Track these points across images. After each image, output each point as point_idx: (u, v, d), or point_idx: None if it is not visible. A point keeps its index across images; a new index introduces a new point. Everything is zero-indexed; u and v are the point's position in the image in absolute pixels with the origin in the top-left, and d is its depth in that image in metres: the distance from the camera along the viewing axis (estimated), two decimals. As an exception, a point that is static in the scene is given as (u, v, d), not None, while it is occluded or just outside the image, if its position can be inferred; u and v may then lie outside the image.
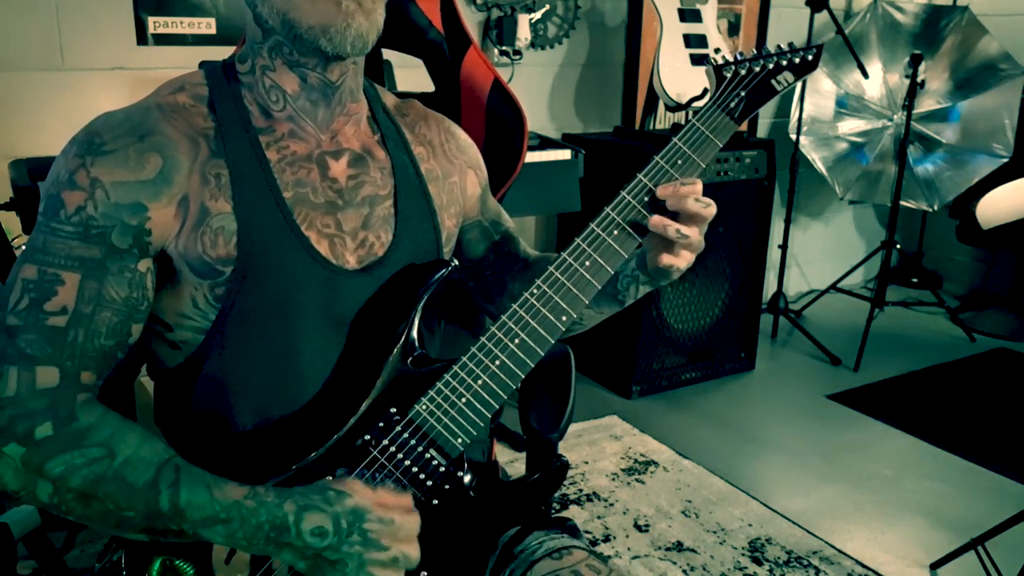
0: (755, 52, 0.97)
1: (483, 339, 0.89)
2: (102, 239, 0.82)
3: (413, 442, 0.88)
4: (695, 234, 0.89)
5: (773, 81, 0.97)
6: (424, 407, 0.88)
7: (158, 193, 0.84)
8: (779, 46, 0.98)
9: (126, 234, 0.83)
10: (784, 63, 0.97)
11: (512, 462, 2.37)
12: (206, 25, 2.38)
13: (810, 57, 0.99)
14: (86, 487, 0.78)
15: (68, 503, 0.78)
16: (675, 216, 0.89)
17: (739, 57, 0.96)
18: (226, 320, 0.88)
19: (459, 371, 0.89)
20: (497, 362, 0.88)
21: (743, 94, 0.95)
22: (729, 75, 0.95)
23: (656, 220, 0.89)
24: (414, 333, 0.92)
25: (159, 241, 0.85)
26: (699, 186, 0.90)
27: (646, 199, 0.90)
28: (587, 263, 0.90)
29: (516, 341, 0.88)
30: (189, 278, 0.87)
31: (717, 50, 1.00)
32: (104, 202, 0.82)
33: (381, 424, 0.88)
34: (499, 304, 1.09)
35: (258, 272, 0.87)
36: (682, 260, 0.91)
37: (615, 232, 0.90)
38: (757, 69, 0.96)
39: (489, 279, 1.10)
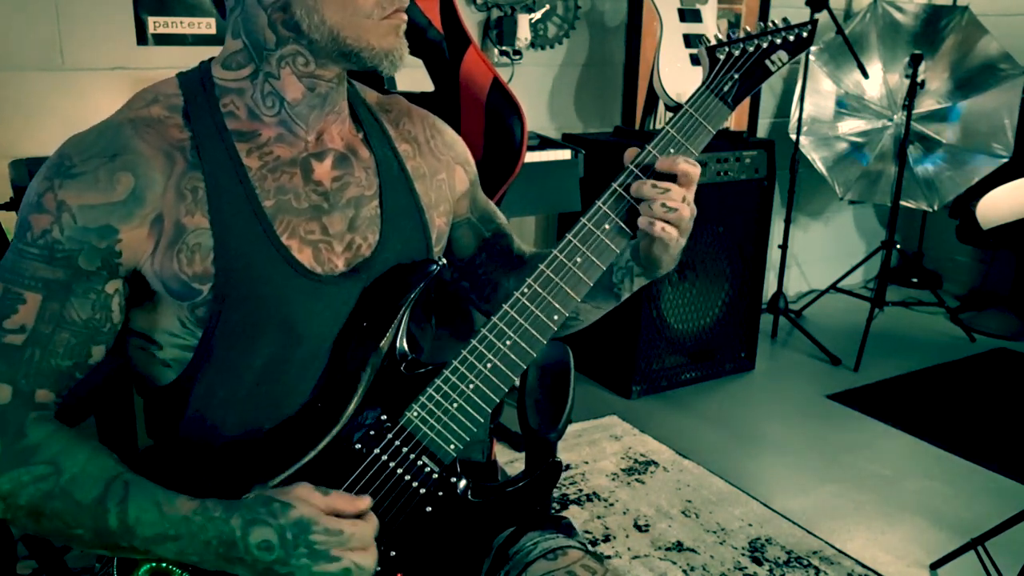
0: (747, 31, 0.94)
1: (473, 341, 0.87)
2: (67, 262, 0.81)
3: (405, 450, 0.86)
4: (677, 194, 0.86)
5: (767, 61, 0.94)
6: (415, 414, 0.87)
7: (130, 214, 0.82)
8: (773, 22, 0.95)
9: (94, 257, 0.82)
10: (778, 41, 0.94)
11: (512, 462, 2.37)
12: (206, 25, 2.38)
13: (804, 34, 0.96)
14: (34, 504, 0.78)
15: (20, 519, 0.79)
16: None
17: (732, 36, 0.93)
18: (212, 337, 0.87)
19: (450, 375, 0.87)
20: (488, 365, 0.87)
21: (736, 76, 0.92)
22: (723, 57, 0.92)
23: (635, 185, 0.86)
24: (401, 337, 0.90)
25: (130, 262, 0.84)
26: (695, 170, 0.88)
27: None
28: (578, 259, 0.87)
29: (508, 343, 0.87)
30: (167, 298, 0.86)
31: (704, 36, 0.98)
32: (71, 226, 0.81)
33: (372, 432, 0.87)
34: (494, 304, 1.07)
35: (238, 288, 0.85)
36: (670, 234, 0.87)
37: (606, 226, 0.88)
38: (751, 49, 0.93)
39: (482, 278, 1.08)
